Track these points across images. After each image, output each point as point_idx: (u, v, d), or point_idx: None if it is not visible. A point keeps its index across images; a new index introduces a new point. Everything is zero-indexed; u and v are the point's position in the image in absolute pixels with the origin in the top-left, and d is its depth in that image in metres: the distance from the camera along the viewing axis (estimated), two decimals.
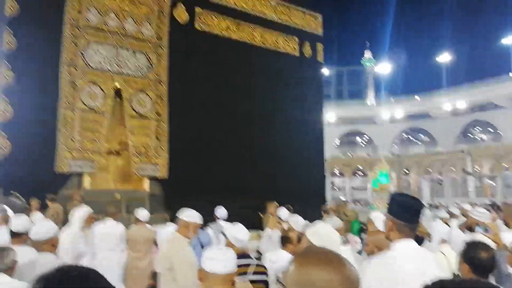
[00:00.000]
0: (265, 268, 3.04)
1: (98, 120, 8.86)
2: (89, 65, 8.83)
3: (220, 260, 1.99)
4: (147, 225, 5.84)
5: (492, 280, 2.38)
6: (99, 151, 8.85)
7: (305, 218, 4.67)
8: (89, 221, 4.91)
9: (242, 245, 3.00)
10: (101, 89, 8.95)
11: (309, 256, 0.96)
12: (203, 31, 10.77)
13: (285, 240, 3.51)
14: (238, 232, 3.04)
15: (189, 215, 3.63)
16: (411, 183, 44.18)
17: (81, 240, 4.57)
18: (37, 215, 5.28)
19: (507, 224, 3.93)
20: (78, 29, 8.77)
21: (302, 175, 11.81)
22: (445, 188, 41.96)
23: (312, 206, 10.66)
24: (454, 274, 3.42)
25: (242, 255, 2.90)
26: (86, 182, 8.80)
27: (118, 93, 9.30)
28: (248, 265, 2.90)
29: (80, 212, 4.66)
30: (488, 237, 3.56)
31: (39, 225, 2.87)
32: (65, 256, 4.19)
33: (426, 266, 1.92)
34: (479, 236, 3.93)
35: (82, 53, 8.77)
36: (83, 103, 8.70)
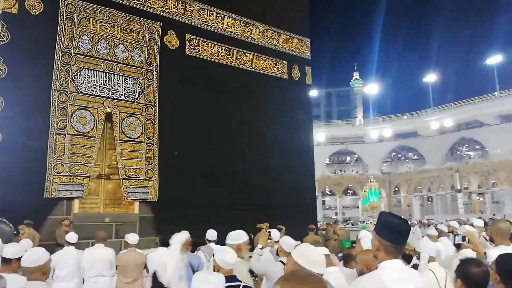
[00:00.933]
0: None
1: (88, 144, 8.89)
2: (80, 91, 8.92)
3: (210, 284, 2.04)
4: (138, 249, 5.83)
5: None
6: (88, 175, 8.84)
7: (296, 238, 4.71)
8: (187, 245, 4.92)
9: (229, 268, 3.04)
10: (92, 114, 9.02)
11: (292, 279, 1.03)
12: (193, 56, 10.96)
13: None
14: (225, 255, 3.08)
15: (236, 238, 3.85)
16: (401, 201, 44.38)
17: (182, 263, 4.59)
18: (26, 242, 5.23)
19: (492, 240, 4.00)
20: (69, 56, 8.89)
21: (293, 195, 11.88)
22: (435, 205, 42.23)
23: (303, 226, 10.72)
24: None
25: (230, 277, 2.94)
26: (76, 206, 8.75)
27: (109, 117, 9.37)
28: (237, 287, 2.93)
29: (180, 237, 4.66)
30: (467, 246, 3.64)
31: (30, 252, 2.86)
32: (172, 279, 4.25)
33: (413, 285, 1.96)
34: (465, 251, 4.00)
35: (73, 79, 8.86)
36: (73, 128, 8.74)
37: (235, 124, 11.29)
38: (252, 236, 9.16)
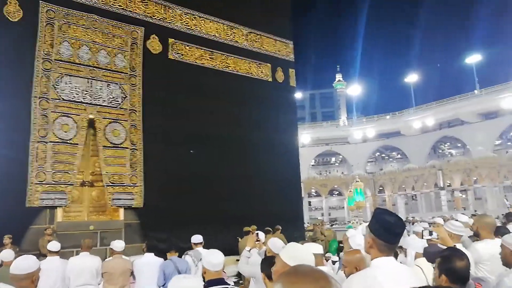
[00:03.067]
0: None
1: (70, 151, 8.75)
2: (61, 97, 8.78)
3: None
4: (124, 256, 5.75)
5: None
6: (71, 183, 8.70)
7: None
8: None
9: (217, 269, 2.99)
10: (74, 120, 8.88)
11: (296, 275, 0.98)
12: (177, 61, 10.91)
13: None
14: (212, 256, 3.02)
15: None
16: (386, 200, 44.84)
17: None
18: (9, 251, 5.11)
19: (477, 235, 4.07)
20: (50, 62, 8.75)
21: (279, 198, 11.88)
22: (419, 203, 42.78)
23: (290, 228, 10.75)
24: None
25: (217, 280, 2.89)
26: (59, 215, 8.59)
27: (91, 124, 9.24)
28: None
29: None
30: (435, 241, 3.68)
31: (21, 259, 2.81)
32: None
33: (406, 282, 1.94)
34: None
35: (54, 86, 8.72)
36: (55, 135, 8.59)
37: (219, 128, 11.23)
38: (239, 239, 9.16)
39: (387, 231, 2.00)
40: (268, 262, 2.61)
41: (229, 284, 2.94)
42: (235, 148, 11.53)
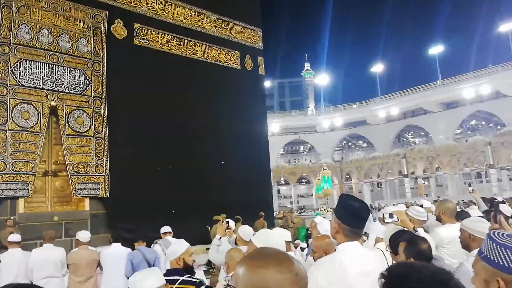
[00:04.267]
0: (194, 283, 2.96)
1: (32, 140, 8.39)
2: (21, 83, 8.37)
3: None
4: (90, 247, 5.61)
5: None
6: (33, 172, 8.37)
7: (254, 228, 4.74)
8: None
9: (170, 259, 2.93)
10: (35, 108, 8.51)
11: (260, 258, 0.96)
12: (143, 46, 10.60)
13: None
14: (172, 246, 2.98)
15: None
16: (352, 187, 45.92)
17: None
18: None
19: (439, 220, 4.23)
20: (8, 46, 8.30)
21: (249, 186, 11.89)
22: (384, 191, 44.09)
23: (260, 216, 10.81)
24: None
25: (175, 270, 2.84)
26: (21, 206, 8.27)
27: (54, 111, 8.88)
28: (175, 280, 2.83)
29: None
30: (397, 224, 3.80)
31: None
32: None
33: (371, 265, 2.00)
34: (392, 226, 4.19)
35: (13, 71, 8.29)
36: (15, 123, 8.21)
37: (187, 116, 11.05)
38: (209, 228, 9.14)
39: (352, 216, 2.07)
40: None
41: (184, 275, 2.87)
42: (204, 137, 11.38)
